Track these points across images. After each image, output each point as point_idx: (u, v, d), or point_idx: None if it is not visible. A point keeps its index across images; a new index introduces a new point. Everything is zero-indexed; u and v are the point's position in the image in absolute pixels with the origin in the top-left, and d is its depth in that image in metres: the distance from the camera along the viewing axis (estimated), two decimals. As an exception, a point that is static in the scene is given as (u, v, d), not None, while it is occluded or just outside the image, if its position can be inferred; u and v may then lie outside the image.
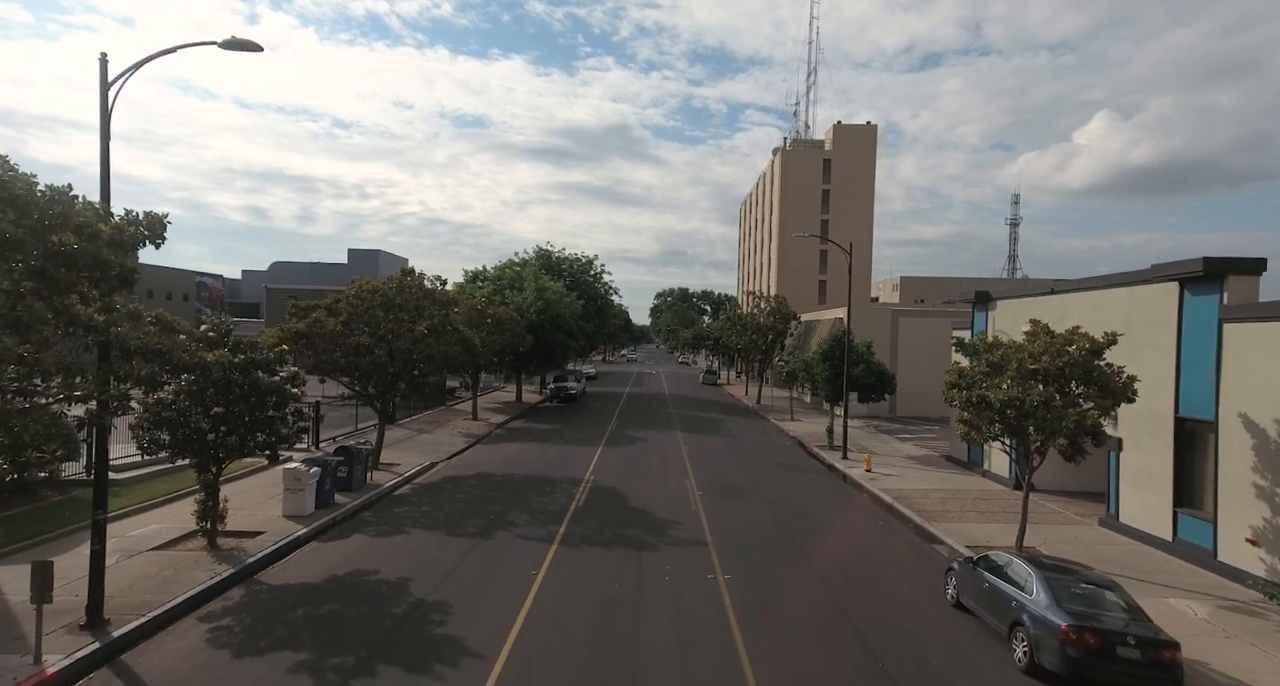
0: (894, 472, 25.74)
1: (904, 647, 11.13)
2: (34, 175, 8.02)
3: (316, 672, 9.69)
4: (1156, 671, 9.43)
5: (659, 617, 11.89)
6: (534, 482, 22.42)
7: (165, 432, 13.90)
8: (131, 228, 8.54)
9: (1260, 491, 13.97)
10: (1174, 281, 16.32)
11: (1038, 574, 10.95)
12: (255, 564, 14.13)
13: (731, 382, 71.73)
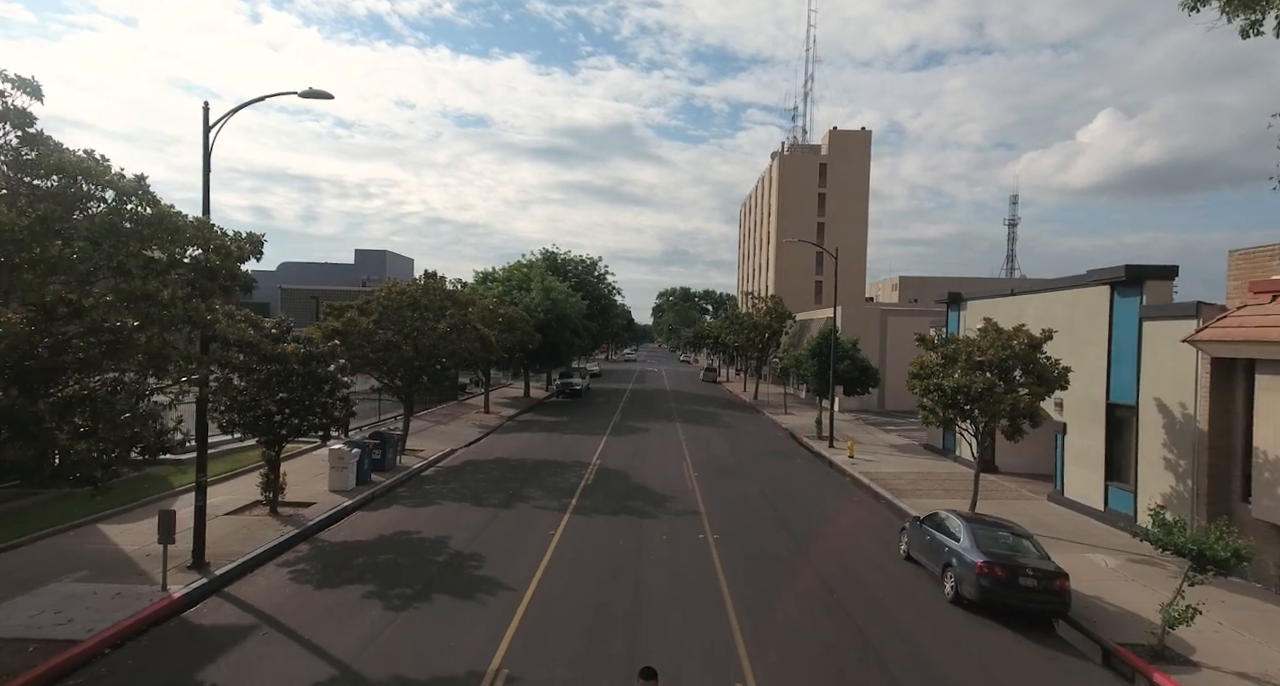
0: (874, 459, 28.17)
1: (858, 587, 13.60)
2: (172, 205, 10.51)
3: (384, 598, 12.19)
4: (1049, 596, 11.89)
5: (657, 565, 14.37)
6: (546, 465, 24.91)
7: (238, 415, 16.40)
8: (247, 245, 11.01)
9: (1167, 463, 16.42)
10: (1106, 285, 18.75)
11: (965, 525, 13.41)
12: (314, 526, 16.64)
13: (730, 380, 74.16)
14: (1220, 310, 15.36)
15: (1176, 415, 16.21)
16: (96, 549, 14.11)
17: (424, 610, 11.77)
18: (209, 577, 12.80)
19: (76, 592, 11.80)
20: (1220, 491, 15.03)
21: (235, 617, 11.46)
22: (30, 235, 7.82)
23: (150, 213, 9.71)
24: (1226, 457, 14.96)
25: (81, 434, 9.61)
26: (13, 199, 9.26)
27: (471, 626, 11.12)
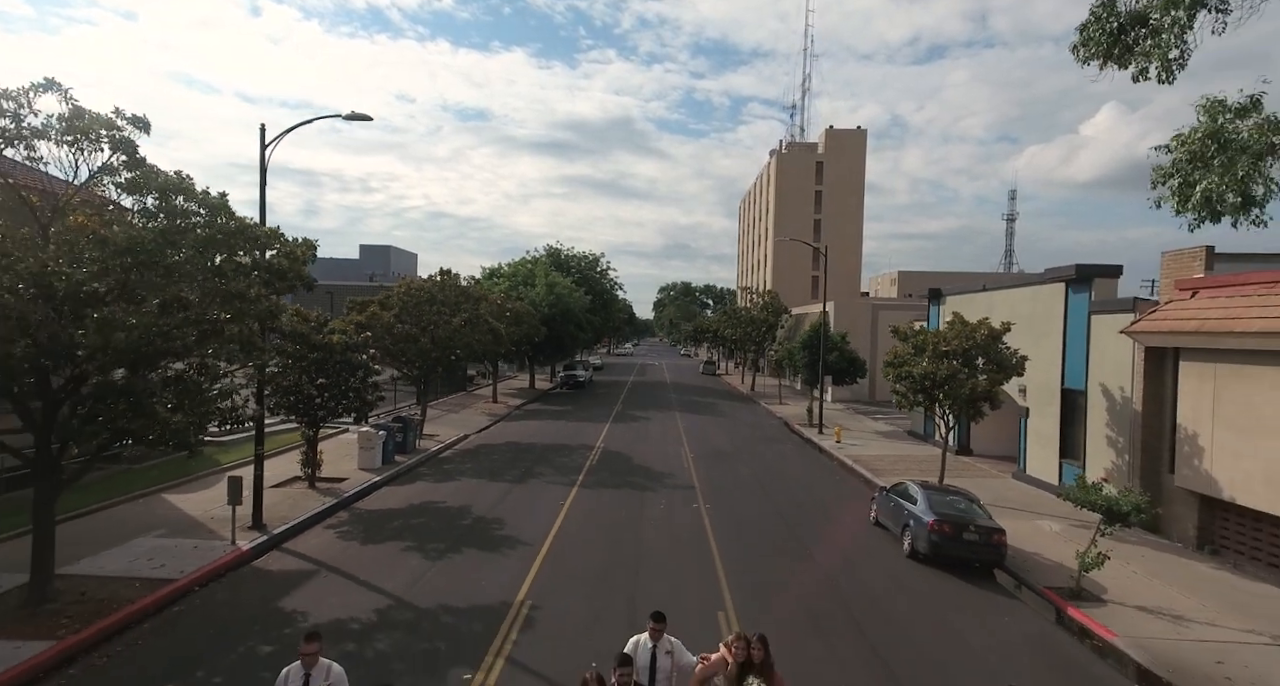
0: (859, 443, 30.22)
1: (830, 547, 15.64)
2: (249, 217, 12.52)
3: (421, 551, 14.26)
4: (989, 548, 13.93)
5: (655, 527, 16.43)
6: (554, 448, 26.97)
7: (284, 397, 18.44)
8: (308, 250, 13.00)
9: (1109, 441, 18.45)
10: (1061, 283, 20.74)
11: (922, 491, 15.44)
12: (350, 497, 18.71)
13: (729, 373, 76.21)
14: (1154, 305, 17.36)
15: (1117, 398, 18.23)
16: (166, 513, 16.19)
17: (456, 560, 13.84)
18: (268, 535, 14.87)
19: (160, 546, 13.87)
20: (1151, 464, 17.06)
21: (297, 565, 13.53)
22: (156, 246, 9.82)
23: (234, 224, 11.73)
24: (1157, 435, 16.98)
25: (174, 408, 11.65)
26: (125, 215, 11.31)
27: (498, 571, 13.19)
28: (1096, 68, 9.92)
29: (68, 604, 10.84)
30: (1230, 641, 10.91)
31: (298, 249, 12.63)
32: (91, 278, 9.54)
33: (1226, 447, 14.76)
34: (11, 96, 10.30)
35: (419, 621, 10.93)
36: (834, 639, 10.87)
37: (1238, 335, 13.95)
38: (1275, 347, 13.32)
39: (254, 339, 11.65)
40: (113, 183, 11.55)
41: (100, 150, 11.21)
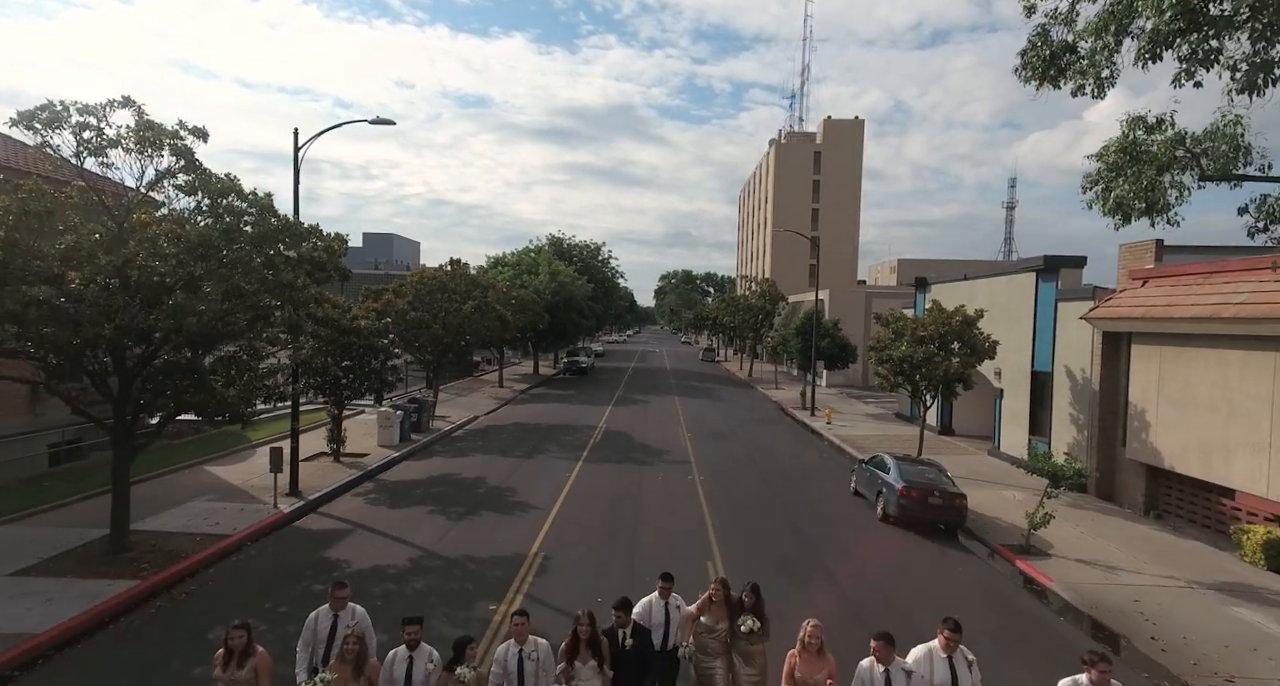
0: (849, 425, 31.86)
1: (812, 512, 17.29)
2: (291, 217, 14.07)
3: (443, 514, 15.93)
4: (951, 511, 15.57)
5: (653, 495, 18.09)
6: (559, 428, 28.63)
7: (313, 378, 20.06)
8: (342, 244, 14.56)
9: (1071, 418, 20.06)
10: (1032, 272, 22.27)
11: (895, 462, 17.07)
12: (374, 470, 20.37)
13: (728, 360, 77.84)
14: (1111, 293, 18.90)
15: (1079, 379, 19.81)
16: (210, 482, 17.87)
17: (475, 521, 15.51)
18: (305, 501, 16.53)
19: (211, 508, 15.54)
20: (1107, 438, 18.67)
21: (333, 525, 15.20)
22: (222, 241, 11.39)
23: (277, 221, 13.29)
24: (1112, 412, 18.57)
25: (226, 384, 13.27)
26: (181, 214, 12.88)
27: (513, 529, 14.86)
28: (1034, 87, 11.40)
29: (143, 553, 12.50)
30: (1150, 585, 12.56)
31: (334, 243, 14.20)
32: (169, 270, 11.11)
33: (1168, 422, 16.36)
34: (92, 111, 11.83)
35: (447, 567, 12.61)
36: (805, 580, 12.54)
37: (1176, 320, 15.51)
38: (1206, 331, 14.88)
39: (301, 324, 13.25)
40: (172, 185, 13.10)
41: (162, 156, 12.76)
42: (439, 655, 6.61)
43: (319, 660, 6.93)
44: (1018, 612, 11.74)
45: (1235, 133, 9.40)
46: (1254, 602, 11.82)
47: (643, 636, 7.10)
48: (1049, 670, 8.51)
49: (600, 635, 6.82)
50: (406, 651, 6.51)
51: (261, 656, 6.49)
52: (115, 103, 12.05)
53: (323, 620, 7.09)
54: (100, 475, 17.74)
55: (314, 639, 7.00)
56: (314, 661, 6.94)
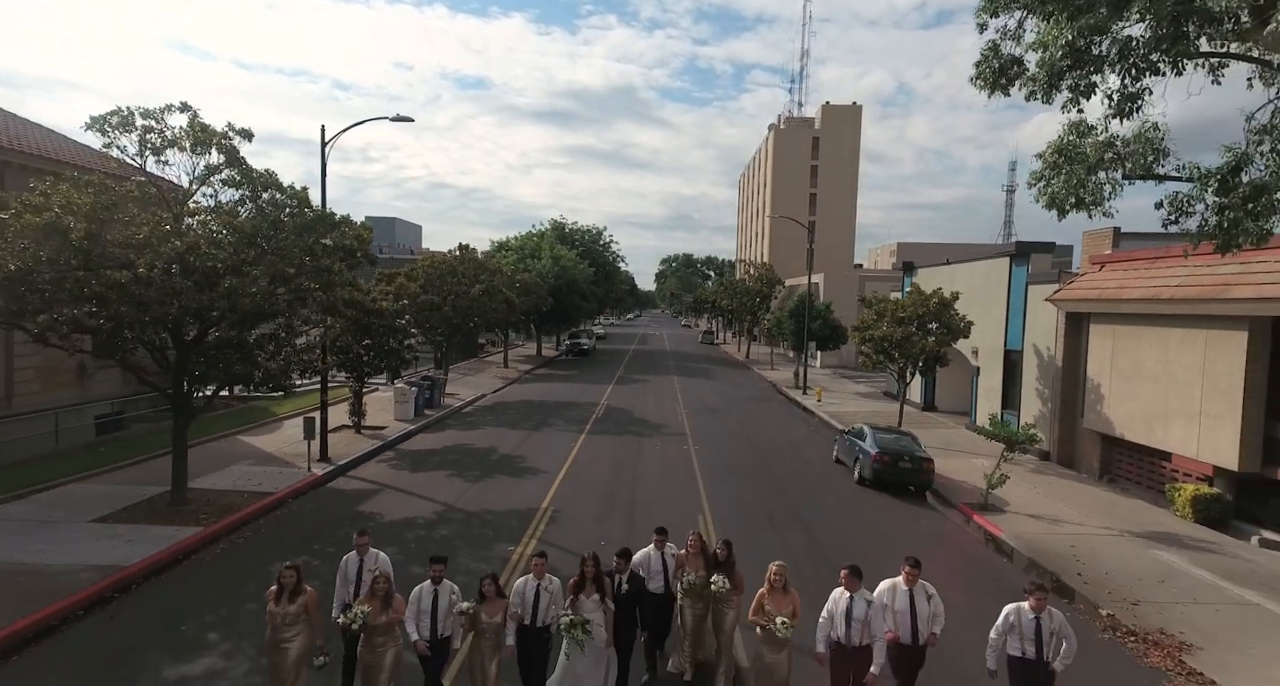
0: (838, 402, 33.50)
1: (796, 479, 18.96)
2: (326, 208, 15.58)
3: (461, 476, 17.62)
4: (919, 473, 17.23)
5: (651, 461, 19.78)
6: (563, 405, 30.31)
7: (337, 356, 21.67)
8: (369, 232, 16.10)
9: (1038, 393, 21.69)
10: (1006, 257, 23.79)
11: (872, 431, 18.71)
12: (393, 440, 22.05)
13: (727, 342, 79.43)
14: (1074, 276, 20.44)
15: (1045, 357, 21.41)
16: (246, 449, 19.55)
17: (491, 482, 17.21)
18: (335, 466, 18.21)
19: (252, 471, 17.23)
20: (1068, 411, 20.31)
21: (363, 486, 16.89)
22: (269, 231, 12.95)
23: (314, 213, 14.84)
24: (1073, 386, 20.19)
25: (269, 357, 14.88)
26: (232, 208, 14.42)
27: (525, 489, 16.55)
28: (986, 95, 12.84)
29: (199, 506, 14.19)
30: (1088, 534, 14.25)
31: (363, 231, 15.76)
32: (227, 257, 12.67)
33: (1119, 394, 17.99)
34: (153, 115, 13.35)
35: (469, 519, 14.31)
36: (784, 530, 14.24)
37: (1125, 301, 17.08)
38: (1150, 311, 16.45)
39: (336, 305, 14.85)
40: (219, 180, 14.63)
41: (210, 154, 14.28)
42: (459, 589, 7.56)
43: (349, 597, 7.73)
44: (970, 557, 13.44)
45: (1155, 137, 10.89)
46: (1173, 547, 13.51)
47: (636, 581, 8.15)
48: (992, 600, 10.15)
49: (603, 575, 7.70)
50: (431, 585, 7.35)
51: (310, 594, 7.23)
52: (172, 107, 13.57)
53: (350, 564, 7.90)
54: (143, 443, 19.46)
55: (344, 580, 7.84)
56: (345, 598, 7.76)
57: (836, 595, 7.42)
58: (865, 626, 7.18)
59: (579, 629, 7.11)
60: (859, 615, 7.19)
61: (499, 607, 7.35)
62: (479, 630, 7.27)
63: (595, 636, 7.28)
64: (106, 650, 8.86)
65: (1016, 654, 7.25)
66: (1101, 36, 8.39)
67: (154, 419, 22.41)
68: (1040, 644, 7.13)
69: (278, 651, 7.07)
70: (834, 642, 7.32)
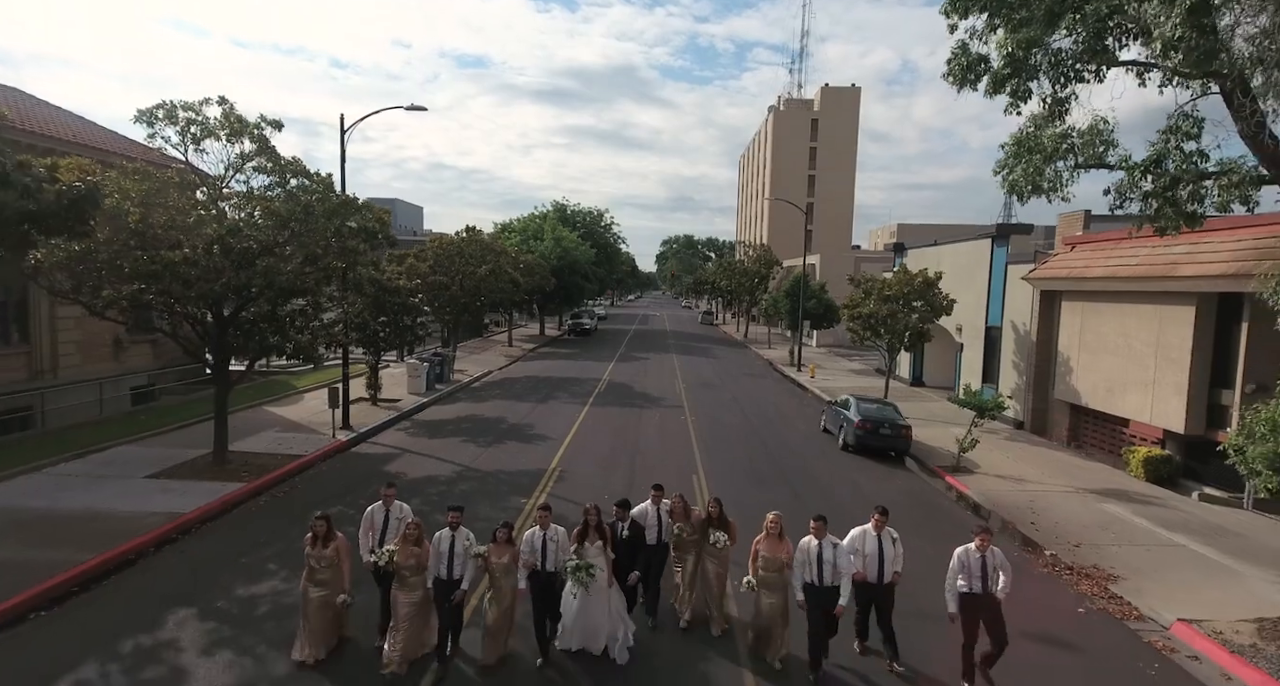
0: (831, 378, 34.89)
1: (784, 445, 20.39)
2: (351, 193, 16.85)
3: (474, 442, 19.06)
4: (898, 439, 18.64)
5: (650, 429, 21.21)
6: (567, 380, 31.72)
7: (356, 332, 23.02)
8: (387, 215, 17.36)
9: (1015, 366, 23.05)
10: (988, 238, 25.03)
11: (855, 401, 20.10)
12: (408, 411, 23.47)
13: (726, 322, 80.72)
14: (1049, 257, 21.70)
15: (1021, 332, 22.74)
16: (272, 419, 20.98)
17: (502, 447, 18.65)
18: (357, 433, 19.64)
19: (281, 437, 18.66)
20: (1041, 383, 21.68)
21: (385, 450, 18.33)
22: (301, 216, 14.25)
23: (338, 198, 16.11)
24: (1046, 360, 21.53)
25: (298, 330, 16.23)
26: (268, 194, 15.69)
27: (534, 453, 17.99)
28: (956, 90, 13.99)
29: (239, 466, 15.62)
30: (1046, 491, 15.69)
31: (383, 214, 17.04)
32: (267, 238, 13.98)
33: (1085, 366, 19.34)
34: (192, 108, 14.58)
35: (484, 477, 15.76)
36: (770, 487, 15.69)
37: (1090, 279, 18.37)
38: (1111, 289, 17.75)
39: (362, 283, 16.18)
40: (252, 167, 15.88)
41: (243, 143, 15.52)
42: (474, 535, 8.28)
43: (375, 542, 8.49)
44: (937, 510, 14.88)
45: (1105, 129, 12.09)
46: (1121, 501, 14.95)
47: (636, 529, 9.00)
48: (951, 544, 11.60)
49: (605, 524, 8.51)
50: (449, 531, 8.09)
51: (341, 540, 8.07)
52: (209, 100, 14.80)
53: (377, 513, 8.68)
54: (176, 413, 20.89)
55: (371, 527, 8.63)
56: (372, 543, 8.51)
57: (806, 542, 8.13)
58: (834, 567, 8.00)
59: (584, 572, 8.01)
60: (829, 558, 7.99)
61: (508, 551, 8.14)
62: (491, 572, 8.11)
63: (598, 578, 8.16)
64: (182, 576, 10.32)
65: (965, 590, 7.97)
66: (1037, 48, 9.59)
67: (181, 391, 23.85)
68: (985, 578, 7.92)
69: (313, 588, 7.98)
70: (807, 584, 8.05)
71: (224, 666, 7.97)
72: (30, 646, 8.36)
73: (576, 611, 8.30)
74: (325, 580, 8.01)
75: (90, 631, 8.68)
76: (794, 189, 76.67)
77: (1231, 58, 8.54)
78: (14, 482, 13.90)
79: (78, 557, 10.35)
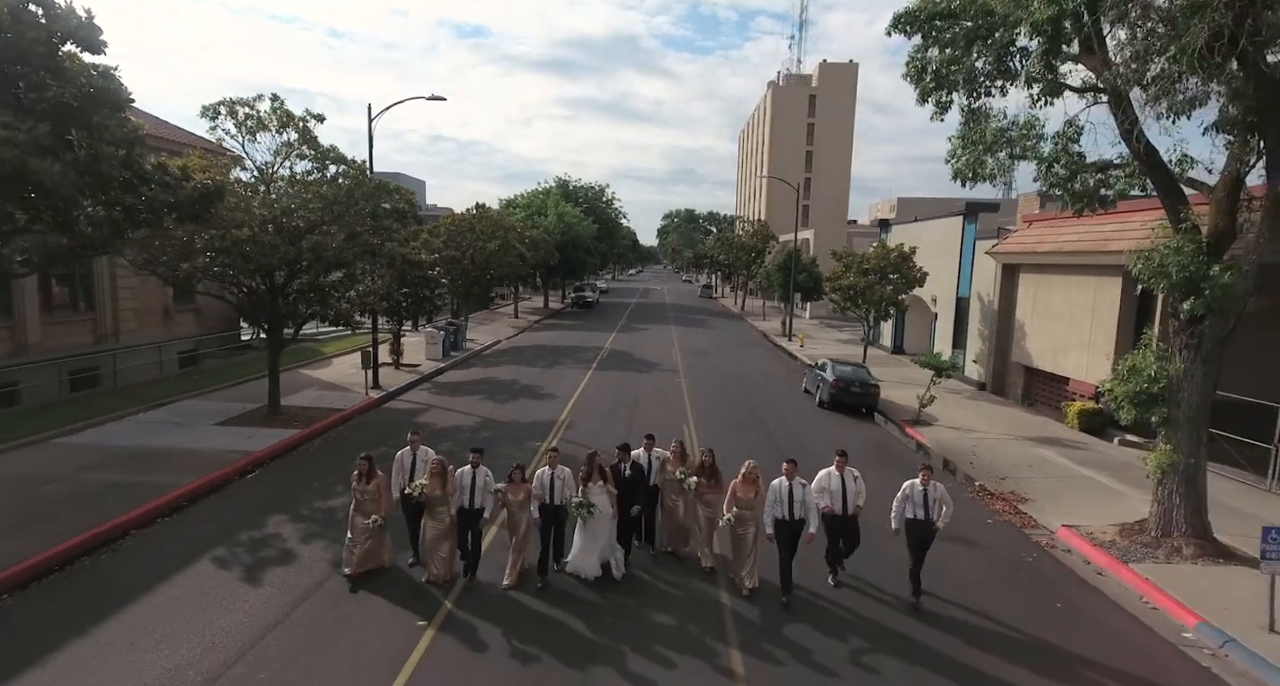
0: (819, 347, 37.18)
1: (767, 403, 22.78)
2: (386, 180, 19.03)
3: (491, 400, 21.47)
4: (867, 397, 21.03)
5: (648, 390, 23.61)
6: (572, 349, 34.09)
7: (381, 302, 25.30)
8: (412, 196, 19.55)
9: (980, 333, 25.35)
10: (959, 216, 27.16)
11: (831, 364, 22.45)
12: (429, 374, 25.86)
13: (725, 296, 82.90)
14: (1011, 233, 23.86)
15: (985, 302, 25.00)
16: (309, 380, 23.39)
17: (517, 404, 21.07)
18: (386, 391, 22.05)
19: (321, 394, 21.07)
20: (1001, 348, 23.99)
21: (413, 406, 20.75)
22: (344, 199, 16.45)
23: (371, 183, 18.30)
24: (1006, 327, 23.82)
25: (338, 299, 18.53)
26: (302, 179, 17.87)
27: (545, 408, 20.41)
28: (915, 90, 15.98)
29: (290, 417, 18.02)
30: (990, 438, 18.10)
31: (409, 196, 19.25)
32: (317, 218, 16.22)
33: (1036, 332, 21.64)
34: (247, 103, 16.71)
35: (503, 427, 18.18)
36: (749, 435, 18.11)
37: (1041, 253, 20.58)
38: (1058, 262, 19.96)
39: (395, 258, 18.44)
40: (295, 154, 18.04)
41: (289, 134, 17.66)
42: (492, 473, 9.57)
43: (406, 480, 9.89)
44: (893, 454, 17.31)
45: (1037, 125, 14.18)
46: (1053, 446, 17.37)
47: (637, 470, 10.17)
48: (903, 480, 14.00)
49: (606, 467, 9.80)
50: (471, 468, 9.39)
51: (380, 478, 9.46)
52: (259, 96, 16.92)
53: (405, 456, 10.11)
54: (221, 374, 23.28)
55: (401, 468, 10.05)
56: (403, 482, 9.92)
57: (778, 483, 9.29)
58: (802, 503, 9.23)
59: (585, 509, 9.42)
60: (798, 496, 9.22)
61: (523, 490, 9.45)
62: (507, 505, 9.43)
63: (601, 511, 9.50)
64: (265, 497, 12.77)
65: (910, 516, 9.32)
66: (957, 66, 11.69)
67: (222, 356, 26.25)
68: (927, 508, 9.24)
69: (359, 514, 9.51)
70: (779, 519, 9.23)
71: (321, 549, 10.43)
72: (164, 540, 10.82)
73: (579, 541, 9.73)
74: (368, 510, 9.46)
75: (208, 531, 11.14)
76: (792, 164, 78.22)
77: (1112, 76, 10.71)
78: (105, 428, 16.35)
79: (180, 481, 12.80)
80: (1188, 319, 10.76)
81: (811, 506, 9.30)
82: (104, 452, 14.38)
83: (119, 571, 9.78)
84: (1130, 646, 8.62)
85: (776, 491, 9.28)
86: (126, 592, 9.11)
